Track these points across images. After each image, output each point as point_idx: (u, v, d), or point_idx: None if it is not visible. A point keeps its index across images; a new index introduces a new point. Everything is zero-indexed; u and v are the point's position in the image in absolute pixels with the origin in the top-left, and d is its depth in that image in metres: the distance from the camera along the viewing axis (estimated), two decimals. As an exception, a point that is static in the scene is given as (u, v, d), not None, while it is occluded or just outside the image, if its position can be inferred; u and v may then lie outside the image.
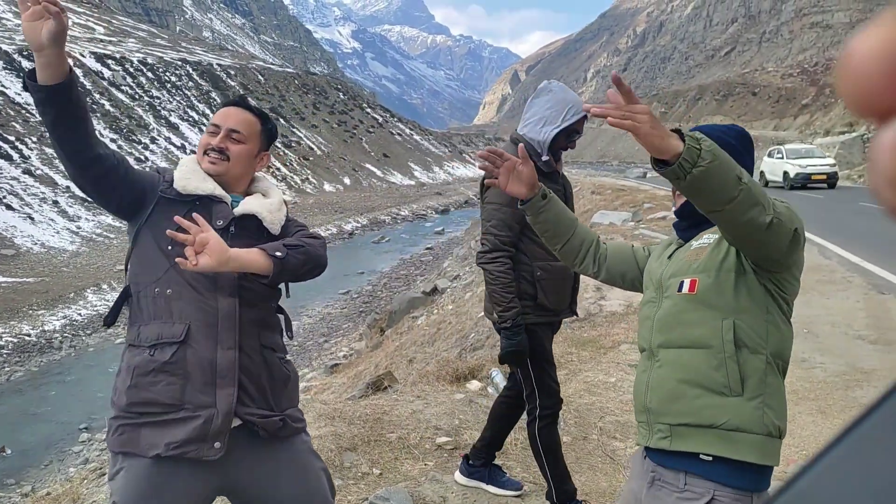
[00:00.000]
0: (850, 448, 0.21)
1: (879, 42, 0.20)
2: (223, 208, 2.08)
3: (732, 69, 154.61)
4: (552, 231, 2.10)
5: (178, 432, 1.94)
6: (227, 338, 2.00)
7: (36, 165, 35.87)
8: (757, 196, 1.53)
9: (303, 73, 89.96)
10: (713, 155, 1.46)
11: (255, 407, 2.06)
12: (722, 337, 1.72)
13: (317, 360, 15.56)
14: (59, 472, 10.25)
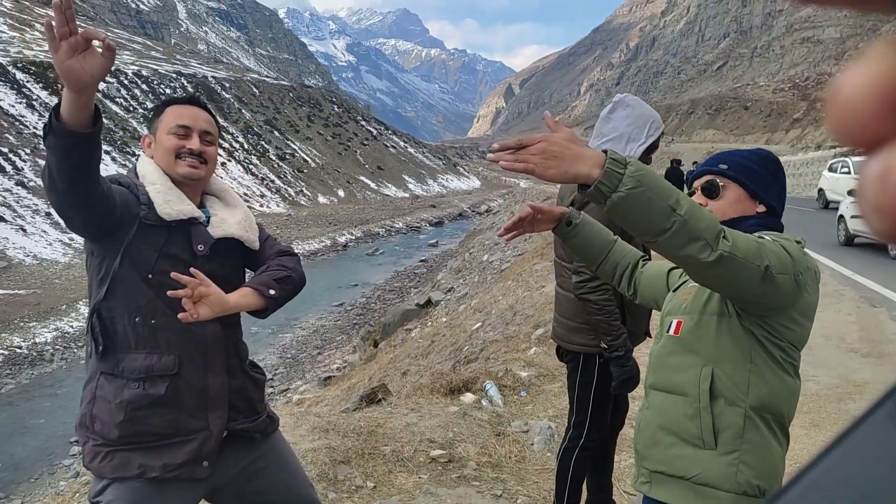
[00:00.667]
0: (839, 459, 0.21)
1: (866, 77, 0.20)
2: (201, 231, 2.00)
3: (724, 84, 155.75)
4: (582, 255, 2.06)
5: (173, 456, 1.95)
6: (216, 363, 2.02)
7: (29, 177, 35.77)
8: (698, 230, 1.39)
9: (297, 86, 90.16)
10: (637, 181, 1.33)
11: (242, 417, 2.10)
12: (699, 385, 1.64)
13: (310, 373, 15.50)
14: (50, 485, 10.16)
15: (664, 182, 1.40)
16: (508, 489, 3.74)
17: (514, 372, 5.77)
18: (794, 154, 39.39)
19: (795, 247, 1.60)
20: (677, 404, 1.68)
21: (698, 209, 1.42)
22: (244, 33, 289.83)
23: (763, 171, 1.77)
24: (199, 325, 1.95)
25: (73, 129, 1.63)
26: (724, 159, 1.80)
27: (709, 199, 1.77)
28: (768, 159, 1.81)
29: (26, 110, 42.31)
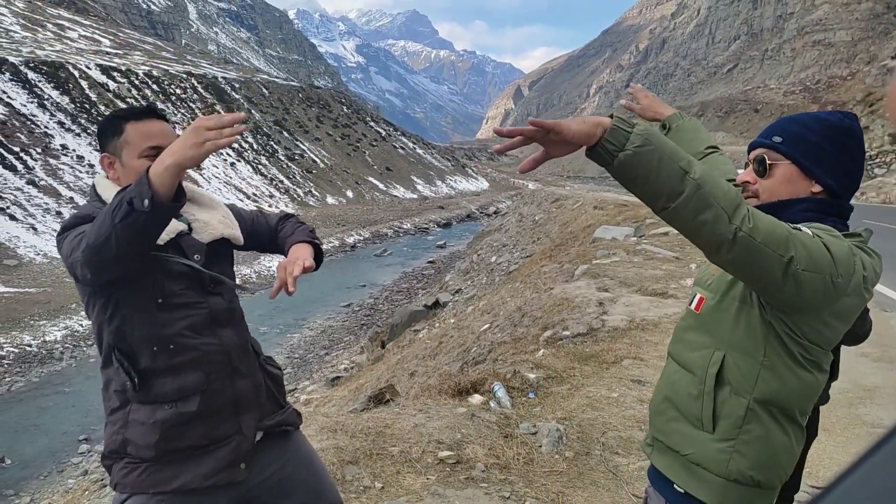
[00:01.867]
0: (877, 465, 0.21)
1: None
2: (191, 242, 1.96)
3: (735, 86, 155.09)
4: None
5: (209, 464, 1.93)
6: (241, 366, 2.03)
7: (40, 176, 35.98)
8: (714, 197, 1.30)
9: (307, 87, 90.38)
10: (645, 139, 1.27)
11: (271, 413, 2.12)
12: (706, 369, 1.59)
13: (318, 373, 15.52)
14: (59, 483, 10.22)
15: (673, 144, 1.32)
16: (516, 491, 3.73)
17: (522, 374, 5.76)
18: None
19: (842, 245, 1.43)
20: (684, 380, 1.65)
21: (713, 176, 1.33)
22: (254, 34, 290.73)
23: (825, 144, 1.54)
24: (217, 335, 1.96)
25: (168, 204, 1.57)
26: (781, 129, 1.61)
27: (759, 178, 1.62)
28: (838, 128, 1.55)
29: (38, 110, 42.56)
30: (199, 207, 2.08)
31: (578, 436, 4.54)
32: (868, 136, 31.61)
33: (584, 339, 6.94)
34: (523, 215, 35.84)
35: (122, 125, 1.89)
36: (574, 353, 6.43)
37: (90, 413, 12.64)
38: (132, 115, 1.91)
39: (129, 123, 1.89)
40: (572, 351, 6.49)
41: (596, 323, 7.38)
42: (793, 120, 1.61)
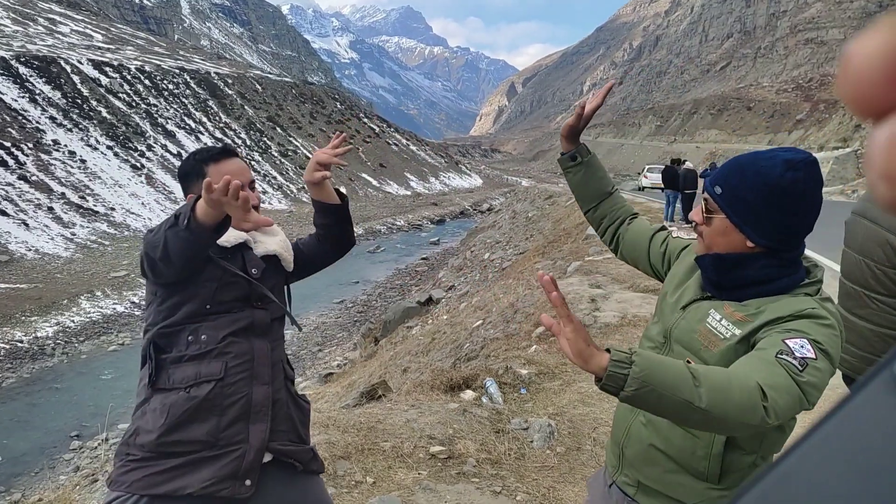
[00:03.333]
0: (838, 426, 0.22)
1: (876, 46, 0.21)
2: (252, 256, 2.13)
3: (728, 84, 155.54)
4: (577, 194, 2.11)
5: (210, 470, 1.92)
6: (262, 373, 2.05)
7: (31, 171, 35.79)
8: (726, 416, 1.28)
9: (300, 83, 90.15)
10: (641, 382, 1.26)
11: (286, 439, 2.10)
12: (713, 438, 1.58)
13: (311, 369, 15.51)
14: (50, 479, 10.18)
15: (677, 375, 1.28)
16: (508, 486, 3.75)
17: (514, 370, 5.78)
18: (796, 155, 39.48)
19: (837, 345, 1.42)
20: (687, 441, 1.62)
21: (723, 390, 1.28)
22: (247, 29, 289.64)
23: (759, 204, 1.48)
24: (250, 341, 2.04)
25: (205, 228, 1.75)
26: (724, 179, 1.57)
27: (704, 223, 1.61)
28: (775, 187, 1.46)
29: (29, 105, 42.31)
30: (262, 233, 2.21)
31: (569, 431, 4.56)
32: (860, 133, 31.71)
33: (576, 336, 6.96)
34: (517, 212, 35.87)
35: (203, 168, 2.07)
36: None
37: (82, 409, 12.61)
38: (211, 158, 2.09)
39: (210, 166, 2.07)
40: (564, 347, 6.52)
41: (588, 319, 7.41)
42: (736, 169, 1.55)
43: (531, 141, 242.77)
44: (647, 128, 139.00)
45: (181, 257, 1.82)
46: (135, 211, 38.44)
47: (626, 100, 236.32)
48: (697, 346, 1.60)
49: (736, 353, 1.50)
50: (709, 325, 1.58)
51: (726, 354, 1.52)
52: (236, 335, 2.02)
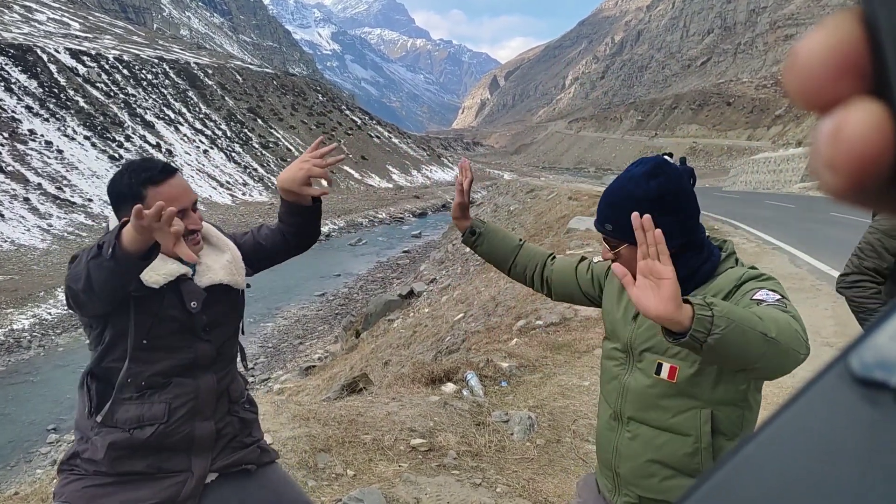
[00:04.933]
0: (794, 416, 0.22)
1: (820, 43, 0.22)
2: (191, 288, 1.93)
3: (708, 79, 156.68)
4: (492, 260, 2.14)
5: (151, 490, 1.93)
6: (205, 410, 2.00)
7: (7, 162, 35.27)
8: (788, 345, 1.36)
9: (281, 74, 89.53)
10: (728, 319, 1.30)
11: (230, 452, 2.07)
12: (699, 428, 1.65)
13: (291, 362, 15.46)
14: (26, 472, 10.08)
15: (744, 312, 1.35)
16: (488, 478, 3.77)
17: (495, 362, 5.80)
18: (775, 150, 39.77)
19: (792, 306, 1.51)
20: (675, 442, 1.68)
21: (776, 321, 1.37)
22: (228, 19, 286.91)
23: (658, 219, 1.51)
24: (194, 377, 1.95)
25: (132, 258, 1.63)
26: (606, 217, 1.69)
27: (615, 260, 1.71)
28: (653, 199, 1.60)
29: (4, 94, 41.65)
30: (209, 247, 2.03)
31: (550, 424, 4.59)
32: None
33: (557, 329, 7.00)
34: (498, 206, 35.93)
35: (142, 191, 1.82)
36: (547, 342, 6.49)
37: (59, 402, 12.48)
38: (151, 180, 1.84)
39: (150, 189, 1.83)
40: (545, 340, 6.55)
41: (569, 312, 7.45)
42: (611, 203, 1.66)
43: (513, 134, 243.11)
44: (628, 122, 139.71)
45: (105, 288, 1.69)
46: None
47: (608, 94, 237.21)
48: (664, 345, 1.65)
49: None
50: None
51: None
52: (180, 374, 1.93)
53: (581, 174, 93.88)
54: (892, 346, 0.22)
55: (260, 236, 2.20)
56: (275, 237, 2.19)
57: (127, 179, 1.84)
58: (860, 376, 0.22)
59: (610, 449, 1.81)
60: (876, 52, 0.21)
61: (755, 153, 47.38)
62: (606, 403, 1.85)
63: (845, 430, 0.21)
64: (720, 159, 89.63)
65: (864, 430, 0.21)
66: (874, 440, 0.21)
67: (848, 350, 0.23)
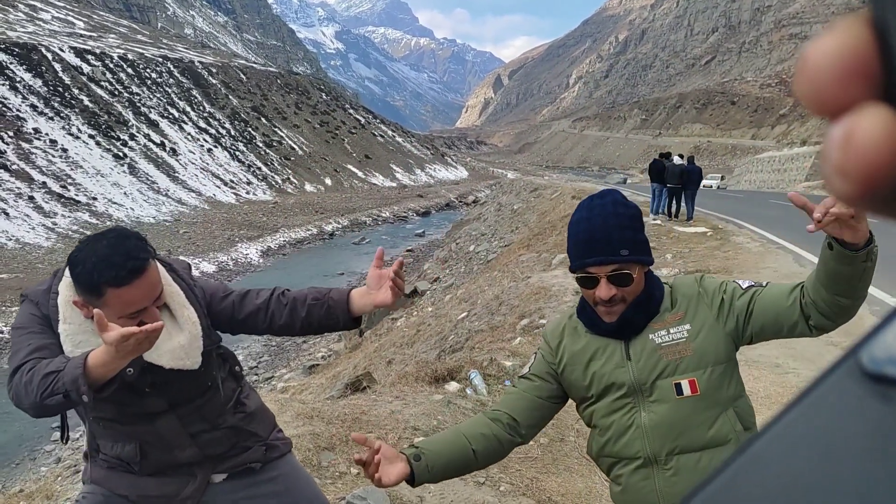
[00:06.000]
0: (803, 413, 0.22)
1: (830, 47, 0.22)
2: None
3: (712, 78, 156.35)
4: (459, 470, 1.82)
5: (154, 484, 1.97)
6: (179, 444, 1.96)
7: (12, 160, 35.37)
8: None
9: (285, 73, 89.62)
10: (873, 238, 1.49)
11: (230, 457, 2.06)
12: (734, 428, 1.68)
13: (295, 361, 15.48)
14: (31, 470, 10.11)
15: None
16: (491, 476, 3.77)
17: (498, 361, 5.80)
18: (779, 150, 39.69)
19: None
20: (720, 455, 1.67)
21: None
22: (232, 18, 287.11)
23: (644, 236, 1.76)
24: (152, 424, 1.91)
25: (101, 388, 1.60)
26: (621, 242, 1.68)
27: (620, 287, 1.69)
28: (638, 217, 1.75)
29: (9, 93, 41.76)
30: (168, 317, 1.88)
31: (553, 422, 4.57)
32: (842, 129, 32.05)
33: (561, 328, 6.99)
34: (502, 205, 35.91)
35: (101, 290, 1.70)
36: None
37: (63, 400, 12.52)
38: (114, 282, 1.69)
39: (111, 289, 1.70)
40: (548, 339, 6.55)
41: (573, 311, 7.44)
42: (618, 227, 1.69)
43: (517, 133, 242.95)
44: (632, 121, 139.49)
45: (52, 413, 1.66)
46: (117, 201, 38.11)
47: (612, 93, 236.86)
48: (672, 365, 1.68)
49: (700, 340, 1.68)
50: (664, 344, 1.70)
51: (700, 348, 1.67)
52: (135, 422, 1.90)
53: (584, 173, 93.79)
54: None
55: (242, 310, 2.01)
56: (259, 317, 2.01)
57: (90, 269, 1.69)
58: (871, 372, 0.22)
59: (652, 498, 1.71)
60: (886, 57, 0.21)
61: (759, 152, 47.27)
62: (626, 460, 1.74)
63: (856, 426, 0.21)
64: (724, 158, 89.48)
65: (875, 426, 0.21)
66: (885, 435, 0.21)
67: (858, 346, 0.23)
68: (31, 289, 1.86)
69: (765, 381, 5.22)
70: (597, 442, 1.81)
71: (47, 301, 1.81)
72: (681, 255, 11.26)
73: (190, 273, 2.04)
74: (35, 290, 1.84)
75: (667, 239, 13.18)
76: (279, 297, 2.01)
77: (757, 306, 1.65)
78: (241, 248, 31.59)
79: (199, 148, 53.37)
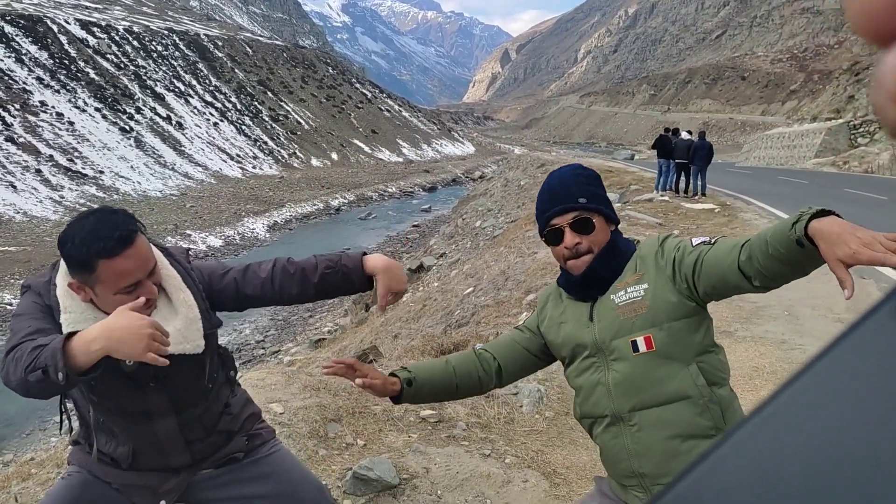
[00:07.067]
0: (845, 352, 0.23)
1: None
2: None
3: (722, 53, 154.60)
4: (440, 398, 2.09)
5: (134, 477, 1.98)
6: (174, 450, 1.97)
7: (18, 133, 35.38)
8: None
9: (291, 47, 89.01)
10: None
11: (215, 456, 2.07)
12: (695, 383, 1.68)
13: (301, 335, 15.57)
14: (42, 440, 10.25)
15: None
16: (497, 449, 3.80)
17: (504, 336, 5.82)
18: (789, 126, 39.33)
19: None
20: (682, 409, 1.69)
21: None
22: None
23: (603, 192, 1.87)
24: (152, 424, 1.91)
25: (81, 376, 1.56)
26: (578, 191, 1.81)
27: (583, 235, 1.80)
28: (599, 178, 1.91)
29: (15, 65, 41.65)
30: (165, 302, 1.86)
31: (558, 396, 4.61)
32: (853, 105, 31.63)
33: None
34: (509, 180, 35.81)
35: (92, 263, 1.67)
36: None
37: (73, 372, 12.64)
38: (104, 253, 1.66)
39: (101, 261, 1.67)
40: (554, 314, 6.56)
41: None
42: (576, 182, 1.83)
43: (524, 108, 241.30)
44: (640, 97, 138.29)
45: (46, 395, 1.65)
46: (124, 174, 38.13)
47: (621, 68, 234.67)
48: (629, 323, 1.73)
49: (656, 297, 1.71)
50: (621, 303, 1.75)
51: (654, 305, 1.71)
52: (133, 421, 1.89)
53: (592, 149, 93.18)
54: None
55: (246, 286, 1.99)
56: (266, 288, 1.99)
57: (79, 244, 1.67)
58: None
59: (623, 455, 1.77)
60: None
61: (769, 128, 46.86)
62: (599, 417, 1.82)
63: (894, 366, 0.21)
64: (733, 134, 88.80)
65: None
66: None
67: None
68: (33, 280, 1.85)
69: (770, 357, 5.22)
70: (576, 403, 1.91)
71: (49, 292, 1.79)
72: (688, 232, 11.22)
73: (188, 258, 2.01)
74: (37, 282, 1.83)
75: (674, 215, 13.12)
76: (285, 268, 1.99)
77: (704, 266, 1.65)
78: (248, 223, 31.64)
79: (206, 122, 53.24)
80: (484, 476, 3.46)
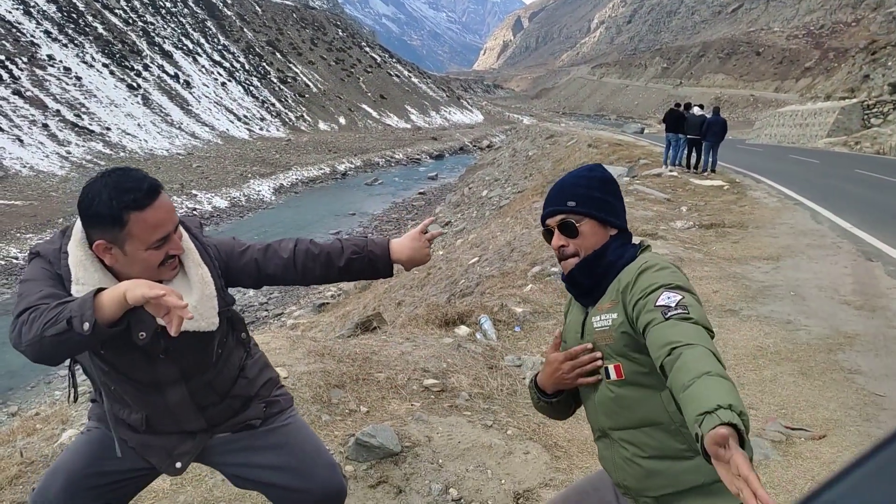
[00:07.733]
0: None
1: None
2: (142, 317, 1.63)
3: (738, 27, 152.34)
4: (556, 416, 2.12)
5: (151, 439, 1.99)
6: (186, 417, 1.97)
7: (26, 86, 35.18)
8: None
9: (301, 7, 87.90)
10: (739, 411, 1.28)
11: (232, 421, 2.07)
12: (666, 409, 1.68)
13: (304, 299, 15.63)
14: (46, 394, 10.36)
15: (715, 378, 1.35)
16: (499, 420, 3.81)
17: (509, 307, 5.82)
18: (802, 104, 38.83)
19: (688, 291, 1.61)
20: (655, 433, 1.71)
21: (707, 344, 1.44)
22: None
23: (607, 196, 1.85)
24: (163, 394, 1.90)
25: (108, 328, 1.52)
26: (570, 194, 1.84)
27: (569, 238, 1.83)
28: (607, 181, 1.87)
29: (23, 17, 41.26)
30: (181, 275, 1.85)
31: (562, 370, 4.61)
32: (867, 84, 31.19)
33: (572, 276, 6.98)
34: (517, 150, 35.59)
35: (123, 217, 1.64)
36: (561, 289, 6.48)
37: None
38: (134, 205, 1.65)
39: (133, 215, 1.65)
40: (559, 287, 6.54)
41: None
42: (569, 185, 1.86)
43: (535, 78, 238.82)
44: (652, 69, 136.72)
45: (60, 358, 1.60)
46: (130, 132, 37.97)
47: (634, 39, 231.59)
48: (603, 348, 1.75)
49: (618, 330, 1.69)
50: (597, 328, 1.76)
51: (618, 339, 1.70)
52: (144, 391, 1.89)
53: (601, 121, 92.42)
54: None
55: (267, 265, 1.99)
56: (288, 269, 2.00)
57: (107, 199, 1.64)
58: None
59: (611, 467, 1.84)
60: None
61: (782, 105, 46.36)
62: (593, 428, 1.89)
63: None
64: (745, 111, 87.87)
65: None
66: None
67: None
68: (43, 246, 1.81)
69: (775, 338, 5.21)
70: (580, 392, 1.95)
71: (58, 260, 1.75)
72: (696, 209, 11.15)
73: (202, 231, 2.00)
74: (47, 248, 1.79)
75: (682, 191, 13.04)
76: (308, 250, 2.00)
77: (647, 337, 1.58)
78: (254, 185, 31.56)
79: (213, 81, 52.85)
80: (485, 446, 3.47)
